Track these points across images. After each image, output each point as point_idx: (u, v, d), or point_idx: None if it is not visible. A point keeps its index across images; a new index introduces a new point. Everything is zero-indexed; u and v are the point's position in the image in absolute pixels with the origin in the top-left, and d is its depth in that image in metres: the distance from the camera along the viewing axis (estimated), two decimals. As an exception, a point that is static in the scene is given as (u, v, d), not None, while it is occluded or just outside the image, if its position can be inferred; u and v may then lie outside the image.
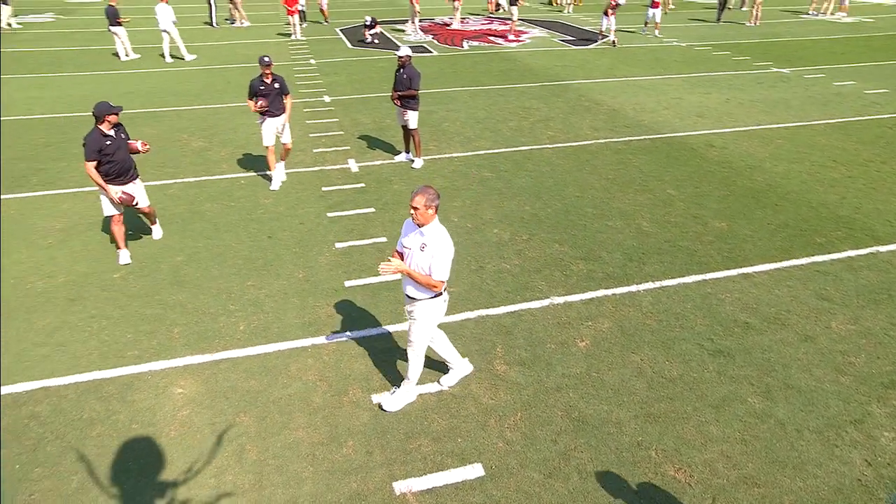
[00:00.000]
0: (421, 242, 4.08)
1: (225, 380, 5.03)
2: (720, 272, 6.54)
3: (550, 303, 6.00)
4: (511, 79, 14.92)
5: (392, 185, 8.78)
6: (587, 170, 9.24)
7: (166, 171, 9.33)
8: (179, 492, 4.04)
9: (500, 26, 23.22)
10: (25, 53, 18.83)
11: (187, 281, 6.43)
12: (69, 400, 4.87)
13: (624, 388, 4.87)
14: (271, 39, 20.73)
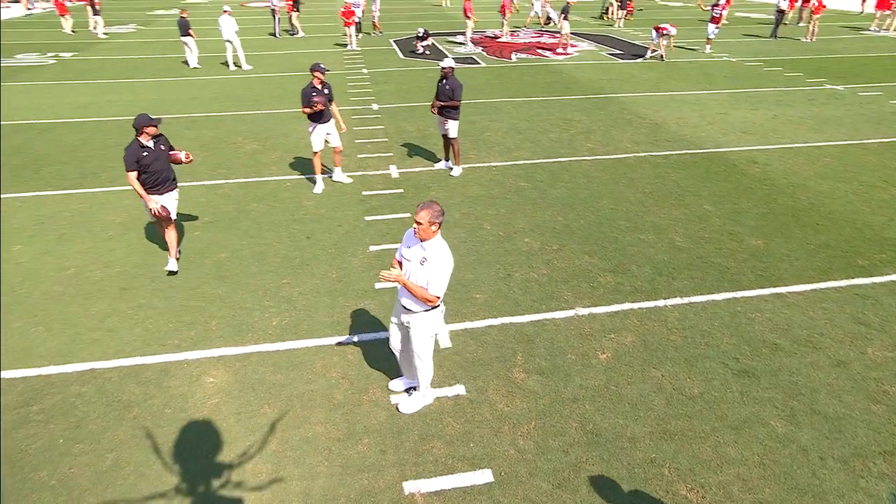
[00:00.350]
0: (421, 256, 4.02)
1: (254, 372, 5.14)
2: (752, 290, 6.28)
3: (575, 314, 5.89)
4: (555, 91, 14.77)
5: (430, 191, 8.80)
6: (624, 183, 9.05)
7: (219, 172, 9.63)
8: (202, 475, 4.14)
9: (549, 39, 23.03)
10: (108, 61, 19.80)
11: (228, 276, 6.61)
12: (112, 382, 5.07)
13: (642, 403, 4.73)
14: (328, 49, 21.14)
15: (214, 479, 4.12)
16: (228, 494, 3.99)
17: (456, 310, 5.95)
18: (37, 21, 30.44)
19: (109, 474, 4.17)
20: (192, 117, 12.78)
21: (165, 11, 30.70)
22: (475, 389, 4.90)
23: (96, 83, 16.26)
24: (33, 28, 27.67)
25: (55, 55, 20.45)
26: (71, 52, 21.16)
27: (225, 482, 4.08)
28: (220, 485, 4.06)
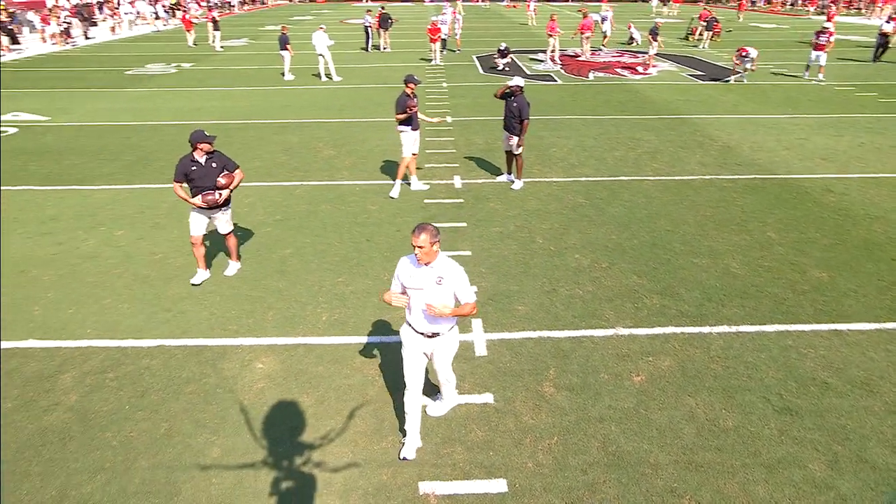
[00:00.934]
0: (436, 277, 3.76)
1: (299, 362, 5.26)
2: (808, 325, 5.76)
3: (615, 333, 5.64)
4: (628, 110, 14.30)
5: (489, 202, 8.73)
6: (685, 205, 8.60)
7: (297, 174, 9.99)
8: (238, 452, 4.28)
9: (630, 59, 22.37)
10: (218, 71, 21.13)
11: (289, 271, 6.83)
12: (176, 359, 5.35)
13: (670, 430, 4.44)
14: (413, 63, 21.53)
15: (248, 456, 4.24)
16: (256, 473, 4.10)
17: (496, 319, 5.85)
18: (166, 36, 32.90)
19: (161, 441, 4.39)
20: (282, 123, 13.36)
21: (274, 27, 32.35)
22: (503, 399, 4.78)
23: (206, 90, 17.37)
24: (164, 42, 29.93)
25: (177, 65, 22.03)
26: (190, 62, 22.73)
27: (256, 462, 4.19)
28: (250, 463, 4.18)
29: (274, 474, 4.09)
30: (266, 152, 11.24)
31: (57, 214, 8.54)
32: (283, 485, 4.01)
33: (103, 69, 21.17)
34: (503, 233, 7.75)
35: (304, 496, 3.92)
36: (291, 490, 3.97)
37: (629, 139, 11.90)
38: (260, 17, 42.52)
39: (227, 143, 11.78)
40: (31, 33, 27.84)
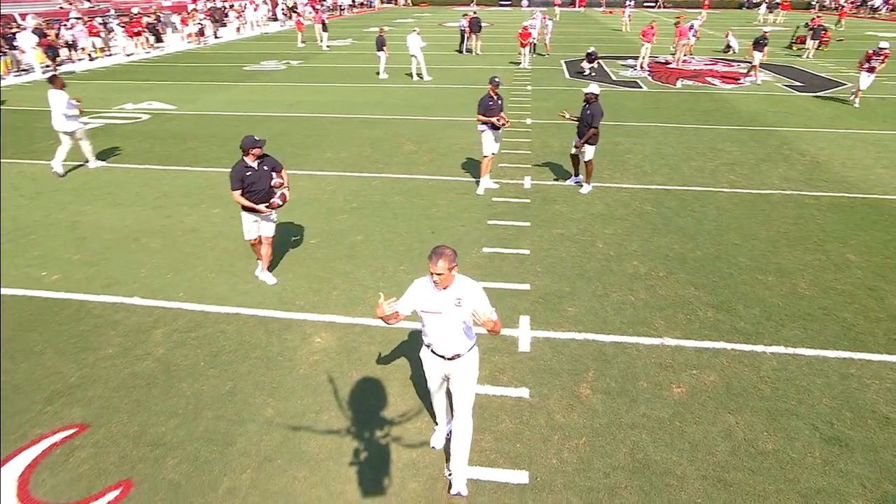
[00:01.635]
0: (455, 299, 3.49)
1: (353, 340, 5.43)
2: (878, 355, 5.22)
3: (661, 343, 5.37)
4: (712, 120, 13.45)
5: (555, 204, 8.54)
6: (758, 219, 7.99)
7: (377, 166, 10.24)
8: (289, 415, 4.49)
9: (723, 67, 21.02)
10: (322, 68, 22.02)
11: (357, 256, 7.03)
12: (248, 326, 5.68)
13: (704, 445, 4.19)
14: (502, 66, 21.34)
15: (295, 420, 4.44)
16: (300, 435, 4.29)
17: (544, 318, 5.74)
18: (282, 36, 34.59)
19: (225, 398, 4.70)
20: (372, 118, 13.72)
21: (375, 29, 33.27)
22: (538, 395, 4.70)
23: (309, 86, 18.16)
24: (278, 41, 31.52)
25: (287, 62, 23.15)
26: (299, 60, 23.80)
27: (301, 425, 4.38)
28: (297, 426, 4.38)
29: (315, 439, 4.27)
30: (353, 145, 11.60)
31: (170, 191, 9.25)
32: (321, 450, 4.18)
33: (226, 65, 22.63)
34: (564, 234, 7.57)
35: (337, 461, 4.06)
36: (327, 455, 4.12)
37: (709, 149, 11.21)
38: (365, 20, 43.76)
39: (321, 135, 12.30)
40: (172, 33, 30.16)
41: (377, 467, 4.01)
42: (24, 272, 6.70)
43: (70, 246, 7.36)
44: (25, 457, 4.14)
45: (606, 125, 12.82)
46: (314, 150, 11.29)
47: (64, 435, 4.34)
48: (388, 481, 3.91)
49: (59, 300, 6.15)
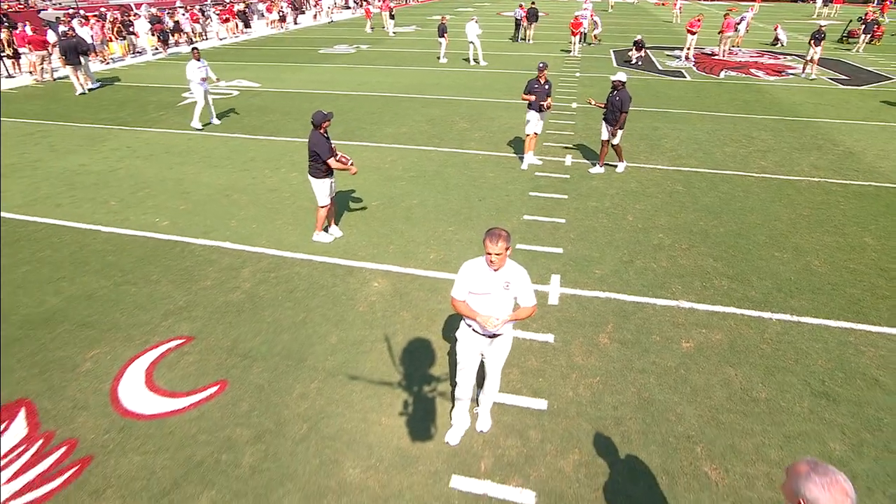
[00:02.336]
0: (503, 282, 3.38)
1: (405, 287, 5.86)
2: (877, 327, 5.22)
3: (677, 305, 5.55)
4: (751, 110, 12.99)
5: (592, 181, 8.66)
6: (782, 202, 7.88)
7: (433, 141, 10.56)
8: (349, 342, 4.99)
9: (769, 60, 19.99)
10: (387, 52, 22.28)
11: (412, 218, 7.43)
12: (318, 270, 6.20)
13: (704, 391, 4.42)
14: (553, 54, 21.01)
15: (354, 347, 4.94)
16: (356, 358, 4.78)
17: (573, 278, 6.00)
18: (353, 22, 34.93)
19: (298, 325, 5.24)
20: (430, 98, 13.98)
21: (438, 17, 33.12)
22: (562, 341, 5.01)
23: (376, 68, 18.50)
24: (348, 27, 31.90)
25: (357, 47, 23.54)
26: (367, 44, 24.14)
27: (359, 351, 4.88)
28: (355, 352, 4.87)
29: (370, 362, 4.76)
30: (413, 121, 11.93)
31: (255, 156, 9.89)
32: (374, 371, 4.67)
33: (303, 48, 23.24)
34: (598, 207, 7.73)
35: (387, 381, 4.54)
36: (379, 375, 4.61)
37: (744, 137, 10.93)
38: (430, 9, 43.48)
39: (384, 112, 12.69)
40: (258, 20, 31.03)
41: (419, 392, 4.46)
42: (142, 219, 7.47)
43: (177, 199, 8.10)
44: (148, 357, 4.83)
45: (647, 111, 12.71)
46: (378, 125, 11.71)
47: (176, 343, 5.00)
48: (427, 406, 4.36)
49: (169, 241, 6.87)
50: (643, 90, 14.91)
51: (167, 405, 4.31)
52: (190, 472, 3.74)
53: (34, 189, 8.45)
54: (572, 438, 3.97)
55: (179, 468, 3.77)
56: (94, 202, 8.00)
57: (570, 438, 3.97)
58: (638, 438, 3.97)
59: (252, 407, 4.28)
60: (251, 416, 4.20)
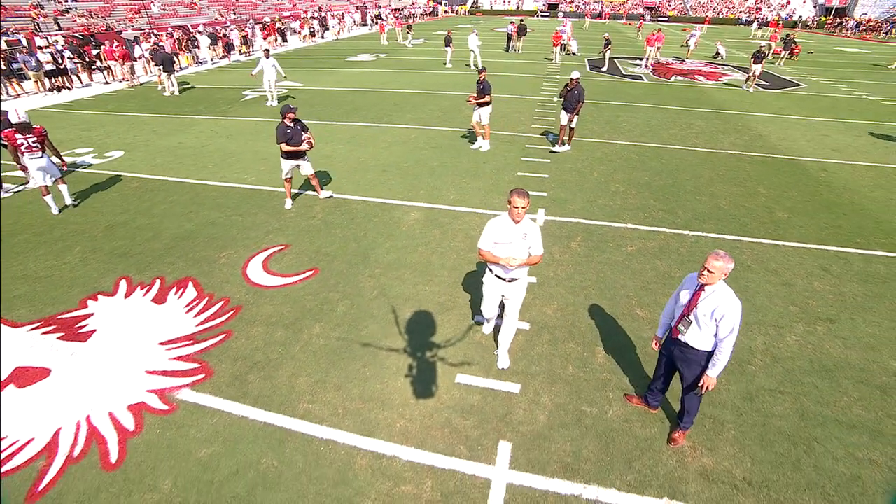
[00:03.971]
0: (522, 233, 3.56)
1: (434, 216, 6.95)
2: (757, 239, 6.39)
3: (625, 227, 6.68)
4: (692, 104, 14.01)
5: (570, 151, 9.67)
6: (706, 166, 9.00)
7: (446, 123, 11.55)
8: (397, 250, 6.11)
9: (710, 69, 20.91)
10: (403, 60, 22.99)
11: (434, 173, 8.50)
12: (370, 206, 7.23)
13: (640, 272, 5.59)
14: (538, 62, 21.81)
15: (401, 252, 6.08)
16: (402, 259, 5.93)
17: (554, 210, 7.12)
18: (371, 37, 35.31)
19: (360, 238, 6.32)
20: (440, 94, 14.89)
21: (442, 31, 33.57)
22: (545, 246, 6.09)
23: (394, 71, 19.30)
24: (367, 41, 32.38)
25: (377, 55, 24.23)
26: (386, 53, 24.83)
27: (405, 256, 6.01)
28: (403, 256, 6.01)
29: (415, 257, 5.90)
30: (427, 110, 12.92)
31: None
32: (418, 261, 5.81)
33: (332, 57, 23.91)
34: (572, 168, 8.81)
35: (426, 268, 5.69)
36: (422, 266, 5.76)
37: (685, 123, 11.98)
38: (434, 25, 43.76)
39: (404, 103, 13.64)
40: (291, 35, 31.47)
41: (451, 273, 5.63)
42: (235, 175, 8.53)
43: (257, 163, 9.14)
44: (262, 256, 5.97)
45: (613, 104, 13.73)
46: (400, 112, 12.70)
47: (278, 248, 6.14)
48: (456, 279, 5.54)
49: (257, 190, 7.94)
50: (610, 89, 15.89)
51: (281, 281, 5.47)
52: (304, 314, 4.91)
53: (152, 158, 9.49)
54: (552, 297, 5.15)
55: (297, 312, 4.94)
56: (196, 166, 9.04)
57: (550, 297, 5.15)
58: (595, 296, 5.15)
59: (338, 282, 5.44)
60: (339, 286, 5.36)
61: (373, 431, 3.66)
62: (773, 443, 3.60)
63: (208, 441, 3.58)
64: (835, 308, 5.06)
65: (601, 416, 3.81)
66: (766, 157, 9.60)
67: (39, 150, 6.80)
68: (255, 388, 4.03)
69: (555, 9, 60.68)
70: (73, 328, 4.69)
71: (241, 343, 4.52)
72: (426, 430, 3.67)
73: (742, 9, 57.18)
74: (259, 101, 14.21)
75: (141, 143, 10.41)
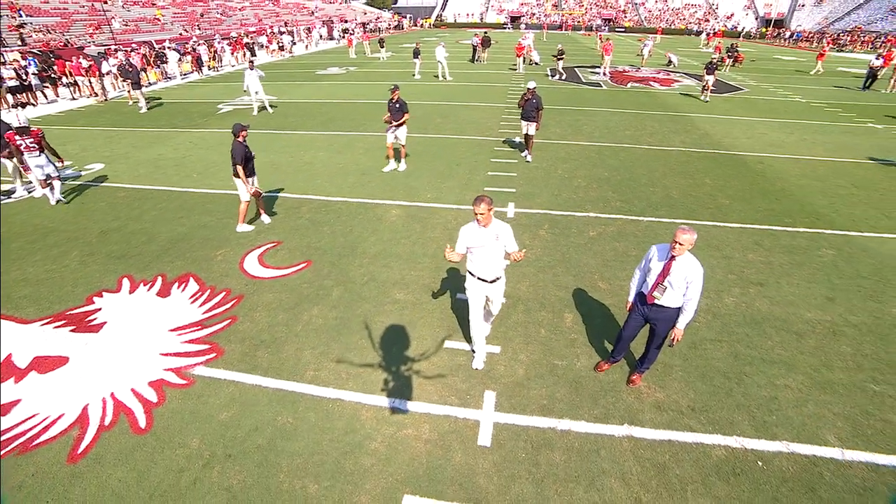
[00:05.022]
0: (494, 235, 3.81)
1: (413, 213, 7.53)
2: (701, 221, 7.25)
3: (586, 215, 7.46)
4: (646, 108, 15.18)
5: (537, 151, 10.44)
6: (660, 161, 9.95)
7: (419, 129, 12.17)
8: (383, 240, 6.67)
9: (663, 76, 22.46)
10: (373, 73, 23.62)
11: (412, 175, 9.10)
12: (354, 206, 7.75)
13: (600, 253, 6.31)
14: (503, 72, 22.88)
15: (386, 243, 6.64)
16: (390, 248, 6.50)
17: (522, 204, 7.83)
18: (339, 50, 35.86)
19: (348, 233, 6.84)
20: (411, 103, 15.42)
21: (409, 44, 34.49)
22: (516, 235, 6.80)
23: (363, 83, 19.87)
24: (336, 54, 32.93)
25: (346, 68, 24.81)
26: (355, 66, 25.43)
27: (390, 246, 6.58)
28: (388, 246, 6.58)
29: (400, 248, 6.47)
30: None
31: (286, 145, 11.32)
32: (403, 251, 6.39)
33: (302, 71, 24.33)
34: (538, 166, 9.60)
35: (410, 256, 6.28)
36: (404, 255, 6.33)
37: (639, 124, 13.04)
38: (400, 39, 44.73)
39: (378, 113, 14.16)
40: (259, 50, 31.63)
41: (431, 259, 6.23)
42: (220, 183, 8.88)
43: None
44: (256, 252, 6.42)
45: (574, 109, 14.72)
46: (374, 121, 13.25)
47: (271, 245, 6.59)
48: (437, 265, 6.14)
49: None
50: (572, 95, 16.98)
51: (277, 272, 5.93)
52: (302, 300, 5.40)
53: (134, 169, 9.73)
54: (525, 275, 5.81)
55: (295, 298, 5.42)
56: (179, 176, 9.35)
57: (523, 275, 5.81)
58: (562, 274, 5.85)
59: (331, 271, 5.95)
60: (331, 275, 5.87)
61: (374, 390, 4.19)
62: (711, 378, 4.34)
63: (227, 406, 4.03)
64: (764, 274, 5.92)
65: (571, 367, 4.46)
66: (712, 153, 10.67)
67: (37, 150, 7.68)
68: (265, 362, 4.49)
69: (516, 21, 62.93)
70: (84, 321, 5.03)
71: (247, 326, 4.97)
72: (421, 386, 4.23)
73: (692, 21, 60.83)
74: (234, 115, 14.51)
75: (120, 156, 10.62)
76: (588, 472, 3.51)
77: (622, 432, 3.81)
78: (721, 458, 3.61)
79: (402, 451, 3.65)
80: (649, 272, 3.83)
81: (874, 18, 49.52)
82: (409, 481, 3.43)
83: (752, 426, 3.86)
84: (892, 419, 3.93)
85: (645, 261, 3.93)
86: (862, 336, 4.87)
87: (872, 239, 6.88)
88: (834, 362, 4.53)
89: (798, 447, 3.69)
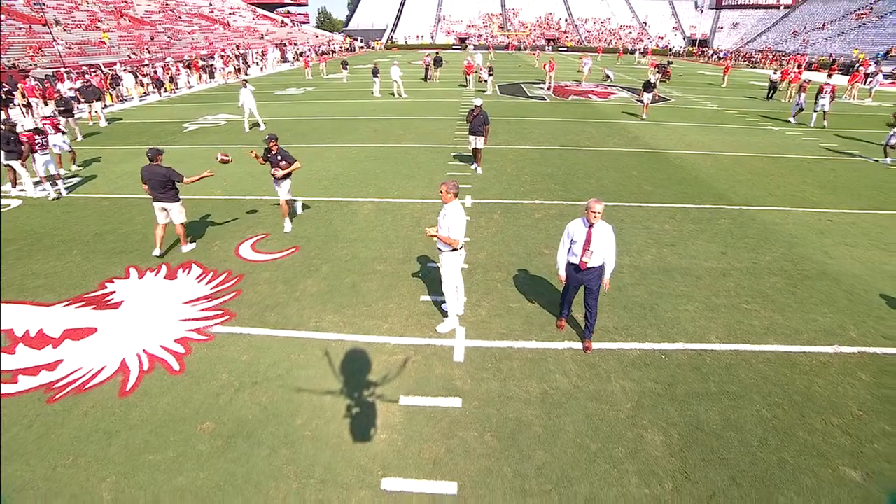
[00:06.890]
0: (442, 214, 4.61)
1: (384, 207, 8.63)
2: (628, 203, 8.78)
3: (532, 202, 8.82)
4: (585, 116, 17.08)
5: (486, 155, 11.86)
6: (595, 160, 11.57)
7: (381, 140, 13.36)
8: (358, 229, 7.71)
9: (601, 90, 24.86)
10: (332, 92, 24.67)
11: (378, 178, 10.22)
12: (328, 204, 8.80)
13: (544, 230, 7.65)
14: (453, 88, 24.57)
15: (362, 231, 7.69)
16: (365, 236, 7.55)
17: (478, 197, 9.10)
18: (295, 72, 36.71)
19: (327, 224, 7.81)
20: (372, 118, 16.76)
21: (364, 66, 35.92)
22: (474, 219, 8.03)
23: (323, 102, 20.89)
24: (292, 76, 33.78)
25: (304, 89, 25.73)
26: (312, 87, 26.40)
27: (364, 234, 7.63)
28: (362, 233, 7.63)
29: (374, 234, 7.53)
30: (363, 132, 14.66)
31: (259, 156, 12.13)
32: (377, 235, 7.45)
33: (261, 91, 24.98)
34: (491, 167, 10.95)
35: (385, 239, 7.36)
36: (379, 238, 7.41)
37: (579, 130, 14.80)
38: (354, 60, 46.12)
39: (341, 127, 15.31)
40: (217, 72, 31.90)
41: (401, 240, 7.34)
42: (202, 191, 9.64)
43: (219, 179, 10.28)
44: (248, 242, 7.29)
45: (521, 119, 16.36)
46: (339, 134, 14.34)
47: (260, 236, 7.48)
48: (408, 246, 7.25)
49: (227, 200, 9.15)
50: (518, 107, 18.73)
51: (270, 256, 6.84)
52: (296, 275, 6.34)
53: (112, 182, 10.28)
54: (482, 248, 7.02)
55: (291, 274, 6.35)
56: (158, 185, 10.00)
57: (481, 248, 7.02)
58: (513, 245, 7.09)
59: (318, 253, 6.93)
60: (319, 255, 6.85)
61: (368, 332, 5.21)
62: (631, 309, 5.65)
63: (246, 351, 4.92)
64: (675, 238, 7.41)
65: (523, 308, 5.66)
66: (639, 152, 12.44)
67: (47, 148, 9.46)
68: (272, 319, 5.41)
69: (464, 42, 66.12)
70: (103, 301, 5.75)
71: (252, 296, 5.87)
72: (405, 328, 5.29)
73: (627, 41, 66.14)
74: (201, 133, 15.13)
75: (95, 170, 11.11)
76: (538, 371, 4.68)
77: (564, 346, 5.02)
78: (636, 356, 4.89)
79: (397, 369, 4.69)
80: (574, 244, 4.61)
81: (780, 40, 56.10)
82: (403, 387, 4.47)
83: (659, 335, 5.17)
84: (755, 324, 5.37)
85: (567, 236, 4.69)
86: (742, 276, 6.38)
87: (760, 211, 8.61)
88: (720, 293, 5.97)
89: (690, 345, 5.03)
